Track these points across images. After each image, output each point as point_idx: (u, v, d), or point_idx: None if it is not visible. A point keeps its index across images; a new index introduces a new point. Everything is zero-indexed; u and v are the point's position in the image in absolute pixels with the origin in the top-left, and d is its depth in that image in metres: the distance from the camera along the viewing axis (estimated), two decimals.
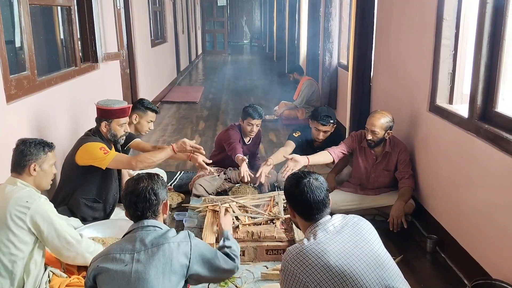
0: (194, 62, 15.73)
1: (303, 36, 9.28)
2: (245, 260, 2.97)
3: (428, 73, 3.34)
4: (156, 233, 1.93)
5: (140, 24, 7.32)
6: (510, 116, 2.51)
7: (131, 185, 1.99)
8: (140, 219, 1.98)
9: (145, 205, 1.95)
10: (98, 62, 4.69)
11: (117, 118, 3.15)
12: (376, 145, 3.54)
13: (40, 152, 2.41)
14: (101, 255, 1.93)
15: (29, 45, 3.25)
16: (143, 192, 1.94)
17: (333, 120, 4.01)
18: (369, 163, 3.66)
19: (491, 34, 2.62)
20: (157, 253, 1.86)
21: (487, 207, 2.60)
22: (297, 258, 1.81)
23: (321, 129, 3.99)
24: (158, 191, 1.98)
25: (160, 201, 1.99)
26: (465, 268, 2.86)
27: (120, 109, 3.15)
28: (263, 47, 21.73)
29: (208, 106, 8.56)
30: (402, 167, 3.55)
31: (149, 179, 2.00)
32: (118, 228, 3.18)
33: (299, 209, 1.99)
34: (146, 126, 3.82)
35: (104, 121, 3.15)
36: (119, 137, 3.20)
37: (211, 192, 3.99)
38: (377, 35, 4.66)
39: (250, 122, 4.05)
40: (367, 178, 3.70)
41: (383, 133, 3.46)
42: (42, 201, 2.30)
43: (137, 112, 3.76)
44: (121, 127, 3.19)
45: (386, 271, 1.82)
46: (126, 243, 1.92)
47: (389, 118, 3.47)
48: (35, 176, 2.40)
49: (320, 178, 2.02)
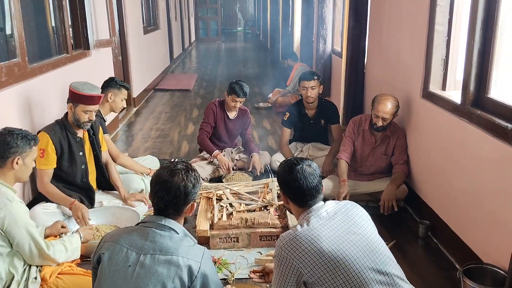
0: (187, 49, 15.62)
1: (297, 23, 9.23)
2: (239, 247, 2.99)
3: (421, 59, 3.34)
4: (170, 239, 1.77)
5: (132, 10, 7.25)
6: (503, 101, 2.51)
7: (165, 175, 1.83)
8: (161, 212, 1.83)
9: (171, 201, 1.81)
10: (90, 49, 4.65)
11: (84, 104, 3.04)
12: (384, 130, 3.55)
13: (26, 146, 2.34)
14: (112, 238, 1.82)
15: (20, 32, 3.21)
16: (173, 188, 1.80)
17: (317, 76, 4.16)
18: (368, 146, 3.68)
19: (484, 20, 2.61)
20: (163, 264, 1.71)
21: (478, 192, 2.63)
22: (291, 244, 1.82)
23: (307, 86, 4.10)
24: (190, 191, 1.83)
25: (188, 202, 1.85)
26: (456, 252, 2.89)
27: (89, 96, 3.02)
28: (257, 34, 21.60)
29: (201, 94, 8.53)
30: (398, 153, 3.58)
31: (186, 174, 1.84)
32: (111, 215, 3.19)
33: (292, 195, 2.00)
34: (120, 104, 3.78)
35: (71, 103, 3.07)
36: (81, 122, 3.08)
37: (204, 178, 4.00)
38: (371, 21, 4.64)
39: (234, 99, 4.12)
40: (364, 162, 3.72)
41: (392, 118, 3.49)
42: (13, 205, 2.21)
43: (111, 90, 3.71)
44: (85, 114, 3.07)
45: (378, 256, 1.84)
46: (137, 237, 1.78)
47: (396, 102, 3.48)
48: (17, 170, 2.32)
49: (313, 164, 2.02)
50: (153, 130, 5.99)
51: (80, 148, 3.17)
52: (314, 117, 4.30)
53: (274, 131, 5.86)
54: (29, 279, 2.29)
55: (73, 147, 3.12)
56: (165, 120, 6.55)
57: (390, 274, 1.82)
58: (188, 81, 9.59)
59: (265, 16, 16.52)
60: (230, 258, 2.88)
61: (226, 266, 2.79)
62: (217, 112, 4.25)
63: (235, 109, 4.26)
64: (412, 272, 2.76)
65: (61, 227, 2.77)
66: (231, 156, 4.32)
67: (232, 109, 4.23)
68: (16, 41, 3.19)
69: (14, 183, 2.38)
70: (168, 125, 6.28)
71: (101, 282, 1.75)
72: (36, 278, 2.32)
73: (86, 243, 2.73)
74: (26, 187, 3.25)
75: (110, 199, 3.41)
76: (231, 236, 2.98)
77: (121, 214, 3.18)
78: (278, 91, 7.27)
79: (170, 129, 6.05)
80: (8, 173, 2.31)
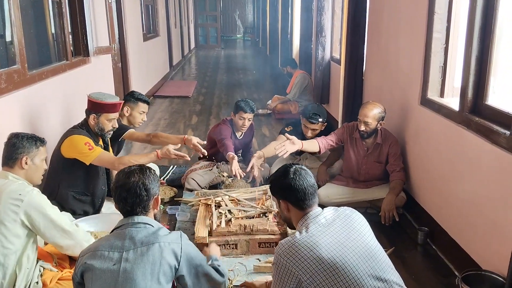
0: (187, 56, 15.66)
1: (296, 30, 9.27)
2: (237, 253, 2.98)
3: (419, 66, 3.35)
4: (147, 231, 1.86)
5: (132, 17, 7.28)
6: (500, 108, 2.53)
7: (122, 179, 1.91)
8: (129, 214, 1.91)
9: (135, 200, 1.88)
10: (90, 56, 4.67)
11: (107, 113, 3.12)
12: (368, 136, 3.56)
13: (32, 145, 2.41)
14: (89, 250, 1.88)
15: (19, 39, 3.22)
16: (133, 187, 1.87)
17: (322, 119, 4.02)
18: (360, 154, 3.68)
19: (482, 27, 2.63)
20: (147, 253, 1.80)
21: (477, 199, 2.63)
22: (290, 251, 1.82)
23: (309, 127, 4.01)
24: (150, 186, 1.91)
25: (151, 197, 1.93)
26: (455, 259, 2.89)
27: (111, 104, 3.12)
28: (256, 41, 21.65)
29: (201, 101, 8.54)
30: (393, 160, 3.58)
31: (141, 173, 1.92)
32: (109, 222, 3.16)
33: (293, 197, 1.99)
34: (138, 118, 3.79)
35: (94, 113, 3.12)
36: (106, 131, 3.17)
37: (203, 186, 3.99)
38: (369, 29, 4.66)
39: (242, 116, 4.04)
40: (358, 170, 3.72)
41: (376, 124, 3.48)
42: (35, 193, 2.29)
43: (128, 104, 3.73)
44: (109, 122, 3.16)
45: (377, 263, 1.84)
46: (116, 239, 1.86)
47: (381, 108, 3.50)
48: (27, 170, 2.39)
49: (303, 167, 2.06)
50: None
51: None
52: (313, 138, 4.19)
53: (273, 138, 5.84)
54: (31, 283, 2.31)
55: None
56: (164, 127, 6.55)
57: (389, 281, 1.82)
58: (187, 88, 9.61)
59: (264, 23, 16.60)
60: (229, 265, 2.86)
61: None
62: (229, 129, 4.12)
63: (244, 128, 4.13)
64: (411, 279, 2.75)
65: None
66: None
67: (241, 128, 4.11)
68: (16, 48, 3.20)
69: None
70: (167, 131, 6.27)
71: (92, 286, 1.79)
72: (38, 283, 2.33)
73: None
74: None
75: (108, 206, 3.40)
76: (229, 243, 2.98)
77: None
78: (277, 97, 7.28)
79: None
80: (20, 173, 2.38)
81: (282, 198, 2.05)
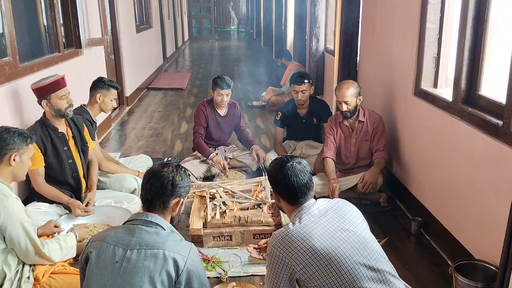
0: (180, 48, 15.58)
1: (290, 21, 9.23)
2: (232, 245, 2.99)
3: (413, 57, 3.35)
4: (157, 234, 1.80)
5: (125, 9, 7.21)
6: (493, 98, 2.53)
7: (157, 167, 1.91)
8: (148, 205, 1.87)
9: (158, 191, 1.85)
10: (82, 47, 4.63)
11: (54, 92, 3.05)
12: (352, 114, 3.64)
13: (23, 143, 2.38)
14: (98, 238, 1.84)
15: (10, 31, 3.19)
16: (162, 178, 1.86)
17: (307, 80, 4.20)
18: (348, 135, 3.73)
19: (475, 18, 2.63)
20: (149, 258, 1.73)
21: (469, 189, 2.64)
22: (283, 242, 1.82)
23: (298, 90, 4.17)
24: (177, 184, 1.87)
25: (175, 195, 1.88)
26: (448, 249, 2.91)
27: (54, 81, 3.05)
28: (250, 33, 21.57)
29: (195, 93, 8.51)
30: (377, 138, 3.64)
31: (175, 169, 1.91)
32: (103, 215, 3.18)
33: (283, 193, 1.99)
34: (109, 104, 3.77)
35: (44, 100, 3.06)
36: (64, 110, 3.09)
37: (197, 176, 4.00)
38: (363, 20, 4.65)
39: (219, 93, 4.16)
40: (349, 152, 3.75)
41: (355, 100, 3.59)
42: (10, 201, 2.23)
43: (100, 91, 3.68)
44: (62, 100, 3.07)
45: (370, 253, 1.85)
46: (124, 234, 1.80)
47: (355, 84, 3.63)
48: (14, 167, 2.35)
49: (303, 161, 2.02)
50: (146, 129, 5.97)
51: (64, 143, 3.15)
52: (306, 116, 4.33)
53: (268, 130, 5.86)
54: (22, 278, 2.29)
55: (56, 142, 3.11)
56: (158, 119, 6.53)
57: (382, 271, 1.83)
58: (181, 80, 9.57)
59: (258, 14, 16.52)
60: (224, 257, 2.88)
61: (219, 264, 2.79)
62: (207, 111, 4.25)
63: (223, 104, 4.25)
64: (405, 269, 2.77)
65: (54, 226, 2.76)
66: (225, 155, 4.31)
67: (221, 104, 4.24)
68: (7, 39, 3.16)
69: (11, 181, 2.40)
70: (161, 124, 6.26)
71: (90, 280, 1.76)
72: (29, 278, 2.32)
73: (81, 242, 2.72)
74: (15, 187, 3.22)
75: (102, 198, 3.39)
76: (224, 235, 2.98)
77: (113, 213, 3.17)
78: (271, 89, 7.26)
79: (163, 128, 6.04)
80: (5, 170, 2.34)
81: (274, 189, 2.06)
